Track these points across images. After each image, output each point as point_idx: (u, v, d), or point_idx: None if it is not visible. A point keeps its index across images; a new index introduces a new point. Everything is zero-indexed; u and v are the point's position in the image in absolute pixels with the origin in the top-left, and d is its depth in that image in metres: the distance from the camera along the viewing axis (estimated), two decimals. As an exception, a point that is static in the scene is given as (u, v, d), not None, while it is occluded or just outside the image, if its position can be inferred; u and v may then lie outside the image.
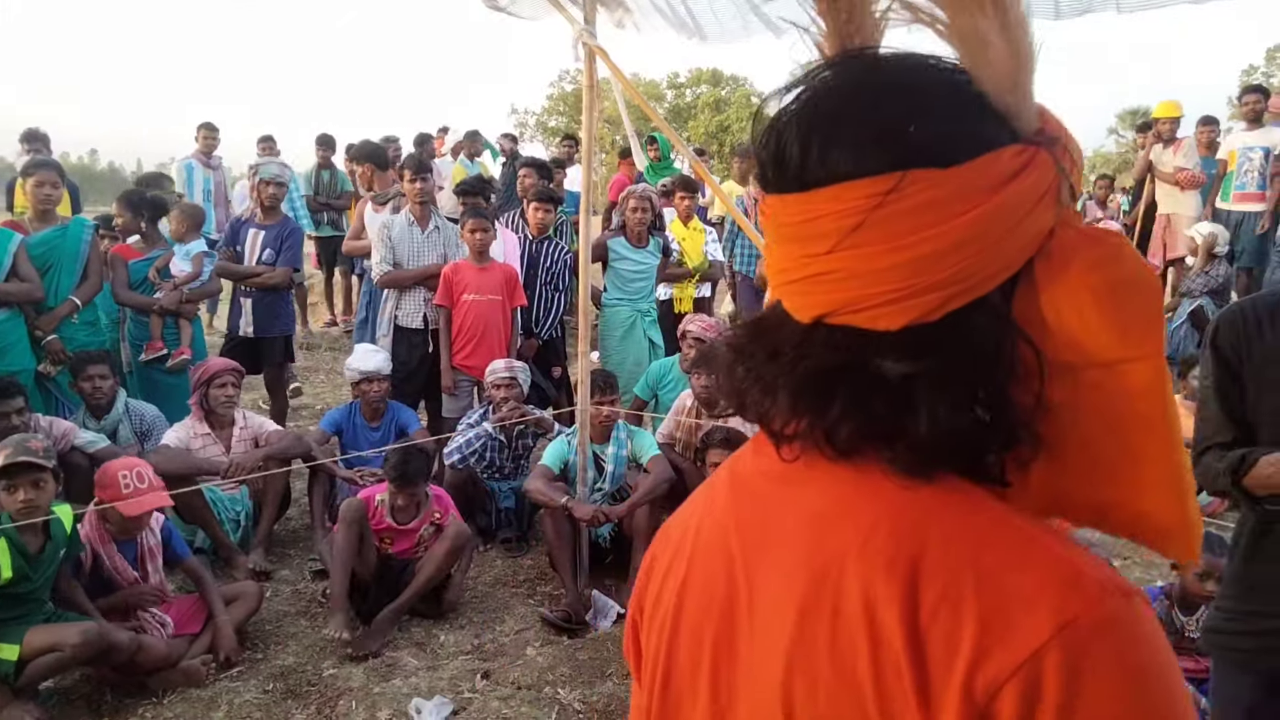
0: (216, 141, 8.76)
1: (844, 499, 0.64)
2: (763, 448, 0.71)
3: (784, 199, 0.64)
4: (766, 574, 0.66)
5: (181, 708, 3.20)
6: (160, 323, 5.29)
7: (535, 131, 44.70)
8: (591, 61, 3.82)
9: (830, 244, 0.61)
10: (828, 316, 0.63)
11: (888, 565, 0.59)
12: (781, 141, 0.64)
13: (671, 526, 0.80)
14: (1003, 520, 0.61)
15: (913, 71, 0.63)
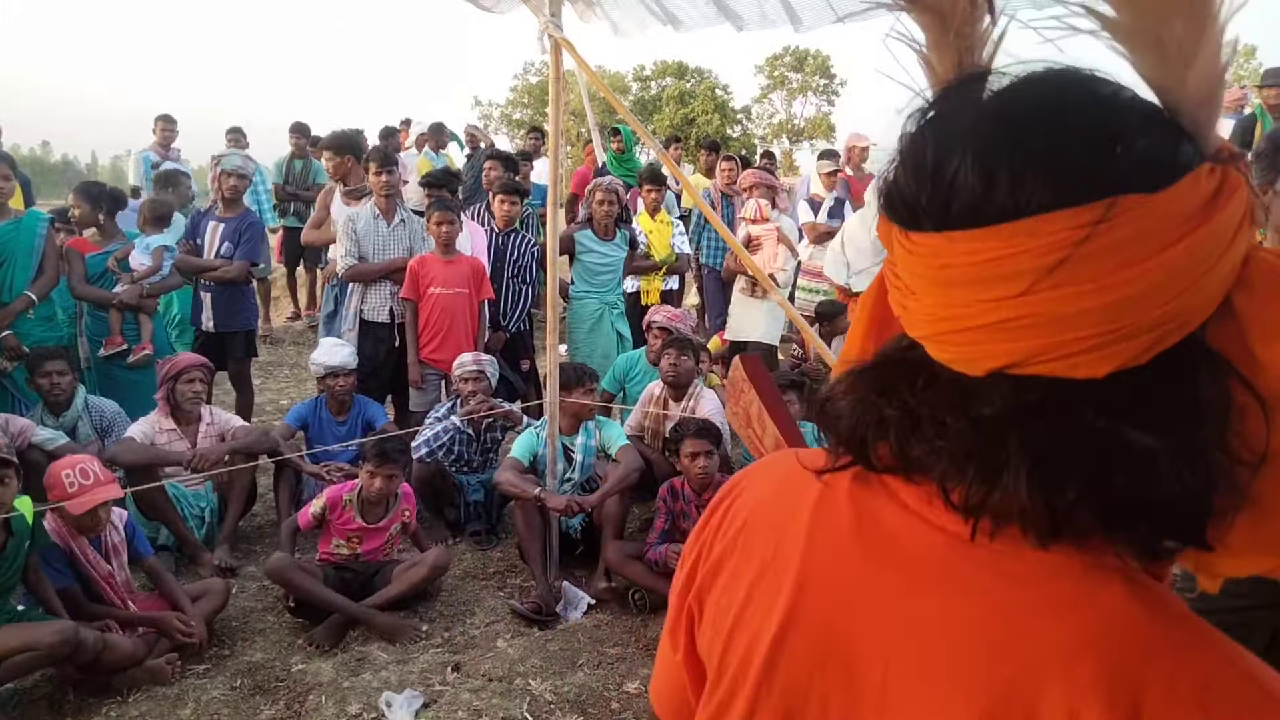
0: (175, 133, 8.61)
1: (1036, 606, 0.56)
2: (904, 497, 0.65)
3: (952, 236, 0.55)
4: (914, 666, 0.60)
5: (147, 706, 3.17)
6: (119, 318, 5.20)
7: (500, 124, 44.47)
8: (557, 54, 3.81)
9: (1024, 285, 0.53)
10: (1012, 367, 0.55)
11: (1108, 691, 0.52)
12: (947, 169, 0.55)
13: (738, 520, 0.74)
14: (1230, 661, 0.54)
15: (1097, 87, 0.55)
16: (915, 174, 0.58)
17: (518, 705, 3.17)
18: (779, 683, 0.66)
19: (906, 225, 0.59)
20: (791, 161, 37.00)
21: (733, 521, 0.75)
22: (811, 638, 0.65)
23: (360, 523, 3.93)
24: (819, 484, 0.70)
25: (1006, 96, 0.57)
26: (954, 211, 0.55)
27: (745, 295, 6.21)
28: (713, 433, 4.03)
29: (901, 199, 0.59)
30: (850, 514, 0.67)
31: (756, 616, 0.68)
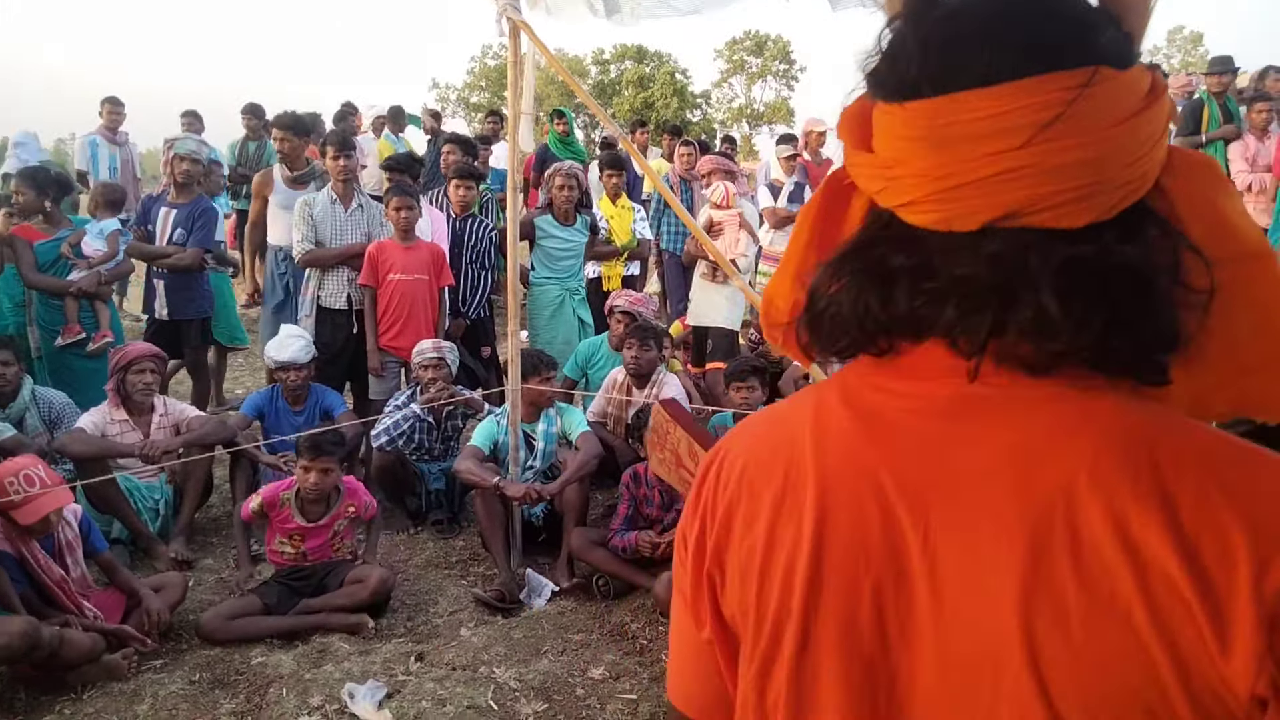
0: (122, 116, 8.40)
1: (1056, 422, 0.63)
2: (888, 383, 0.69)
3: (957, 97, 0.61)
4: (950, 515, 0.64)
5: (103, 702, 3.11)
6: (76, 306, 5.07)
7: (457, 107, 43.98)
8: (516, 37, 3.78)
9: (1024, 138, 0.60)
10: (1006, 219, 0.61)
11: (1132, 486, 0.59)
12: (955, 34, 0.63)
13: (734, 471, 0.76)
14: (1217, 434, 0.62)
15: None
16: (920, 47, 0.64)
17: (482, 693, 3.16)
18: (828, 595, 0.68)
19: (904, 95, 0.64)
20: (751, 146, 37.07)
21: (729, 477, 0.76)
22: (848, 538, 0.67)
23: (300, 522, 3.80)
24: (809, 407, 0.74)
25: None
26: (964, 73, 0.61)
27: (706, 281, 6.21)
28: (676, 418, 4.04)
29: (899, 71, 0.65)
30: (847, 413, 0.71)
31: (786, 544, 0.70)
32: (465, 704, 3.10)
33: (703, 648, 0.80)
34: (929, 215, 0.64)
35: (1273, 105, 7.11)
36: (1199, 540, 0.57)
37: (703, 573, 0.77)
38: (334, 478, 3.82)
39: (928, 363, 0.68)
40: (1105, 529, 0.58)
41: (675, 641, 0.85)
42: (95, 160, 7.99)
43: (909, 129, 0.64)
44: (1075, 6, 0.64)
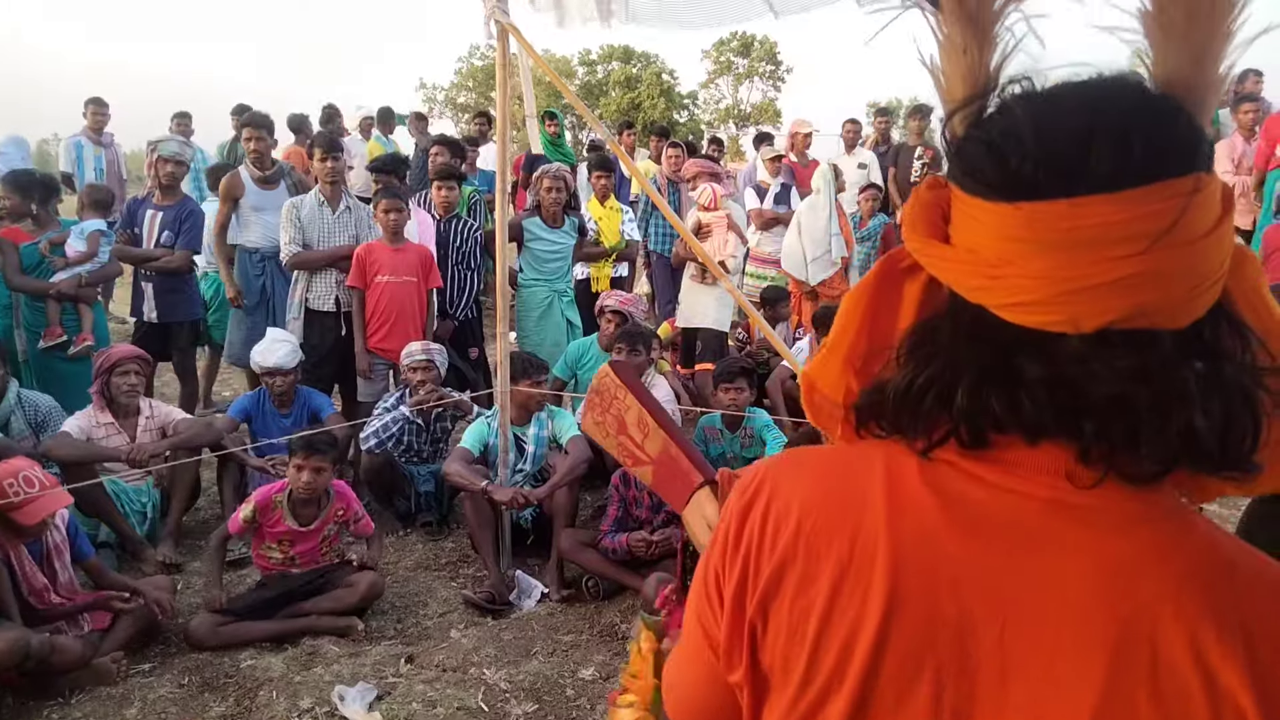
0: (106, 117, 8.33)
1: (1144, 547, 0.64)
2: (976, 469, 0.70)
3: (1080, 203, 0.62)
4: (1029, 618, 0.65)
5: (91, 707, 3.10)
6: (58, 308, 5.04)
7: (444, 107, 43.85)
8: (504, 40, 3.79)
9: (1145, 245, 0.61)
10: (1119, 323, 0.62)
11: (1215, 618, 0.61)
12: (1079, 142, 0.63)
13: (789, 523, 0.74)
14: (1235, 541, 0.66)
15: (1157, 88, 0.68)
16: (1041, 145, 0.64)
17: (472, 695, 3.17)
18: (887, 674, 0.68)
19: (1019, 196, 0.64)
20: (738, 147, 37.13)
21: (778, 530, 0.75)
22: (918, 619, 0.68)
23: (290, 525, 3.76)
24: (879, 473, 0.73)
25: (1101, 87, 0.66)
26: (1091, 178, 0.62)
27: (695, 282, 6.21)
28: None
29: (1012, 170, 0.65)
30: (929, 494, 0.70)
31: (848, 615, 0.70)
32: (455, 705, 3.10)
33: (721, 684, 0.80)
34: (1041, 316, 0.64)
35: (1260, 106, 7.16)
36: (1274, 676, 0.60)
37: (744, 621, 0.76)
38: (326, 477, 3.80)
39: (1032, 461, 0.68)
40: (1186, 657, 0.60)
41: (688, 671, 0.84)
42: (80, 162, 7.94)
43: (1025, 230, 0.64)
44: (1178, 109, 0.65)
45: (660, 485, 1.54)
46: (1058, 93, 0.67)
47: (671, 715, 0.87)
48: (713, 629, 0.80)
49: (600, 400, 1.61)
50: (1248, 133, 7.09)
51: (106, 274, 5.35)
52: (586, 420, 1.67)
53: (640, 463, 1.56)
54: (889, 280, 0.78)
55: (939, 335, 0.72)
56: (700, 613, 0.82)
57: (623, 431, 1.58)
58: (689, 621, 0.84)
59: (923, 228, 0.71)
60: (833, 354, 0.81)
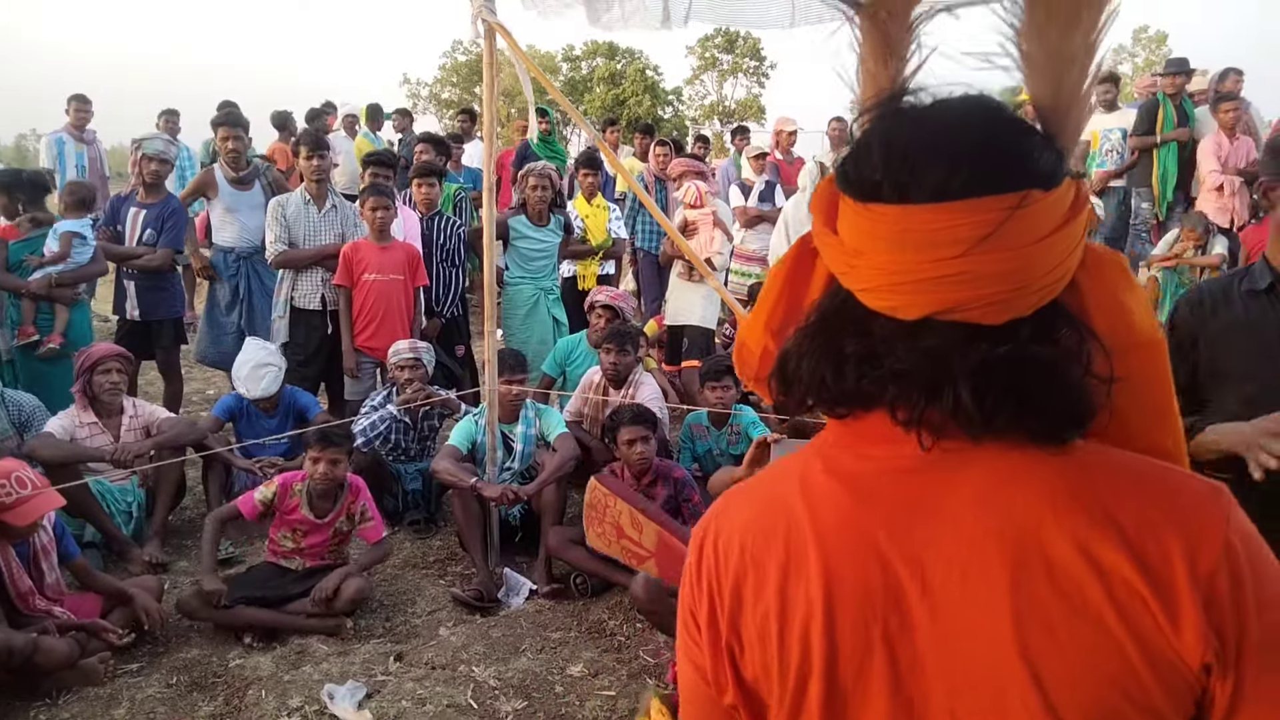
0: (89, 114, 8.28)
1: (1008, 474, 0.75)
2: (863, 449, 0.80)
3: (909, 209, 0.72)
4: (937, 554, 0.74)
5: (79, 708, 3.09)
6: (32, 307, 5.00)
7: (428, 103, 43.66)
8: (491, 39, 3.79)
9: (963, 249, 0.71)
10: (942, 314, 0.73)
11: (1087, 516, 0.72)
12: (916, 157, 0.73)
13: (733, 548, 0.83)
14: (1132, 459, 0.77)
15: (1009, 111, 0.77)
16: (885, 157, 0.74)
17: (461, 692, 3.19)
18: (844, 646, 0.76)
19: (867, 197, 0.75)
20: (722, 144, 37.21)
21: (728, 555, 0.84)
22: (855, 592, 0.76)
23: (305, 514, 3.82)
24: (794, 480, 0.83)
25: (958, 107, 0.76)
26: (921, 191, 0.72)
27: (683, 280, 6.21)
28: (649, 419, 4.07)
29: (863, 174, 0.75)
30: (833, 482, 0.81)
31: (799, 605, 0.78)
32: (445, 703, 3.12)
33: (723, 714, 0.86)
34: (881, 302, 0.75)
35: (1240, 105, 7.23)
36: (1144, 547, 0.70)
37: (721, 644, 0.83)
38: (343, 468, 3.84)
39: (882, 430, 0.78)
40: (1072, 553, 0.71)
41: (692, 712, 0.90)
42: (62, 159, 7.88)
43: (872, 226, 0.75)
44: (1018, 129, 0.75)
45: (666, 572, 1.59)
46: (924, 111, 0.77)
47: None
48: (700, 660, 0.86)
49: (595, 513, 1.66)
50: (1229, 131, 7.17)
51: (90, 273, 5.30)
52: (590, 536, 1.72)
53: (643, 559, 1.61)
54: (803, 258, 0.88)
55: (825, 315, 0.82)
56: (687, 651, 0.88)
57: (622, 535, 1.63)
58: (682, 667, 0.90)
59: (819, 216, 0.81)
60: (756, 317, 0.91)
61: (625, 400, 4.61)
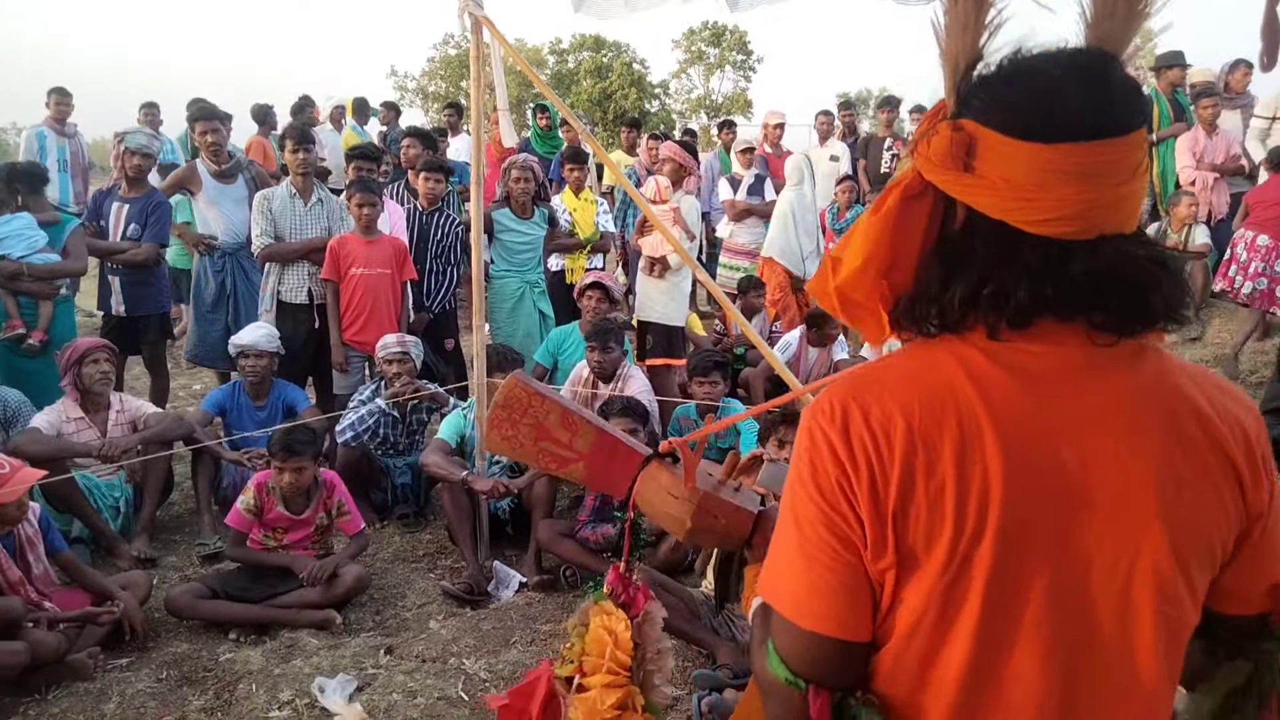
0: (70, 108, 8.18)
1: (1148, 370, 0.95)
2: (1031, 346, 0.93)
3: (1096, 146, 0.88)
4: (1101, 435, 0.91)
5: (68, 702, 3.09)
6: (13, 301, 4.95)
7: (415, 96, 43.41)
8: (478, 32, 3.79)
9: (1130, 175, 0.89)
10: (1113, 229, 0.90)
11: (1200, 402, 0.94)
12: (1095, 99, 0.88)
13: (896, 428, 0.92)
14: (1194, 365, 1.01)
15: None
16: (1076, 104, 0.88)
17: (452, 684, 3.20)
18: (1019, 510, 0.90)
19: (1056, 138, 0.88)
20: (710, 137, 37.21)
21: (889, 432, 0.92)
22: (1028, 464, 0.91)
23: (282, 511, 3.83)
24: (954, 367, 0.94)
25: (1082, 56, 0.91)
26: (1105, 128, 0.88)
27: (644, 275, 6.00)
28: (638, 411, 4.09)
29: (1054, 118, 0.88)
30: (1000, 370, 0.93)
31: (975, 478, 0.90)
32: (436, 695, 3.13)
33: (861, 579, 0.95)
34: (1062, 228, 0.89)
35: (1217, 101, 7.24)
36: (1234, 428, 0.95)
37: (886, 512, 0.92)
38: (308, 475, 3.83)
39: (1064, 333, 0.93)
40: (1198, 432, 0.93)
41: (824, 579, 0.96)
42: (44, 153, 7.79)
43: (1059, 165, 0.88)
44: (1134, 79, 0.93)
45: (594, 476, 1.57)
46: (1059, 58, 0.91)
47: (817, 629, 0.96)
48: (846, 531, 0.94)
49: (509, 413, 1.58)
50: (1208, 126, 7.19)
51: (69, 270, 5.23)
52: (493, 437, 1.62)
53: (568, 462, 1.58)
54: (905, 205, 0.97)
55: (972, 247, 0.94)
56: (827, 522, 0.95)
57: (544, 437, 1.58)
58: (806, 549, 0.96)
59: (950, 162, 0.92)
60: (865, 268, 0.99)
61: (615, 393, 4.63)
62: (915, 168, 0.96)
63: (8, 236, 4.94)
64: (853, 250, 1.00)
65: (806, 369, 5.87)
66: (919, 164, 0.95)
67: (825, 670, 0.96)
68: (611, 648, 1.54)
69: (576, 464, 1.57)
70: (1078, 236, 0.89)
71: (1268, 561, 0.99)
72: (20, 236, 4.97)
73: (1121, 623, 0.92)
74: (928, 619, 0.93)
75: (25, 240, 4.98)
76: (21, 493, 3.21)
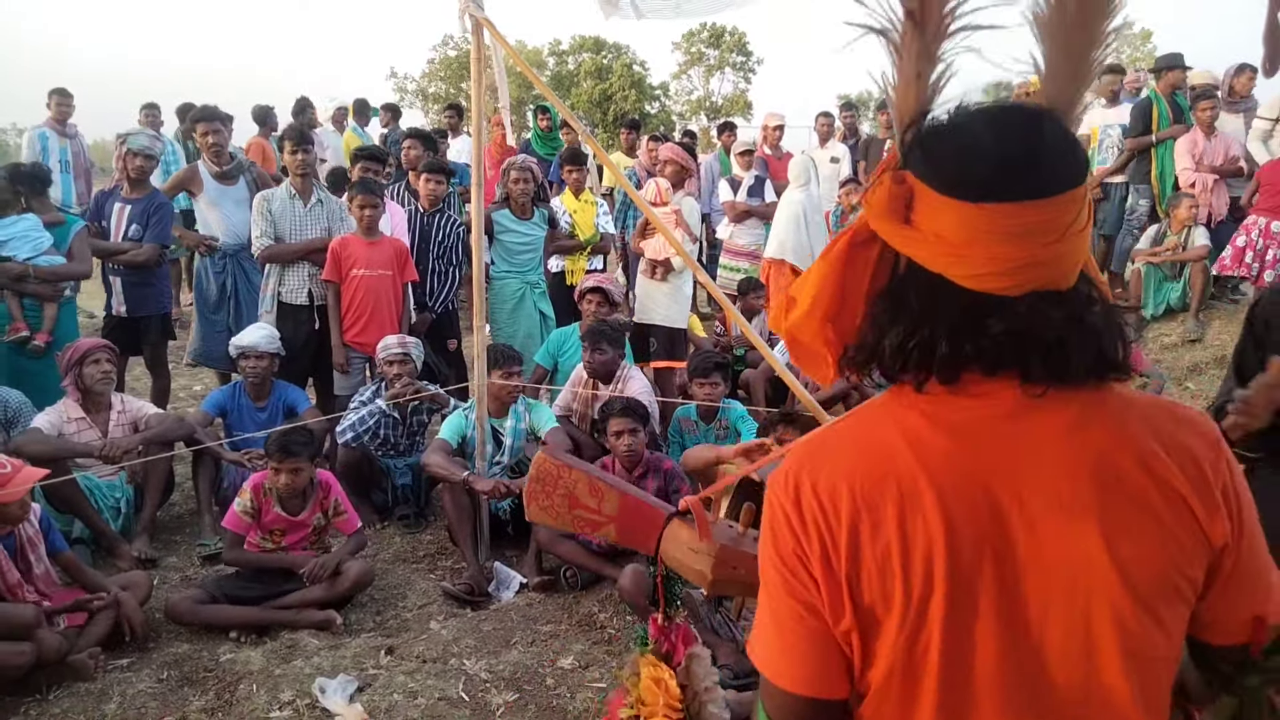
0: (71, 108, 8.19)
1: (1082, 411, 0.94)
2: (958, 402, 0.95)
3: (1026, 206, 0.88)
4: (1037, 482, 0.92)
5: (69, 703, 3.09)
6: (16, 303, 4.96)
7: (415, 98, 43.43)
8: (479, 34, 3.80)
9: (1059, 235, 0.89)
10: (1043, 286, 0.90)
11: (1140, 440, 0.93)
12: (1016, 156, 0.89)
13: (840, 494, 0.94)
14: (1143, 396, 1.00)
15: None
16: (995, 162, 0.89)
17: (453, 685, 3.20)
18: (963, 568, 0.91)
19: (981, 198, 0.88)
20: (710, 139, 37.24)
21: (835, 499, 0.95)
22: (968, 520, 0.92)
23: (279, 513, 3.83)
24: (892, 429, 0.96)
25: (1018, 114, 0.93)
26: (1033, 188, 0.88)
27: (645, 278, 6.02)
28: (639, 411, 4.10)
29: (977, 178, 0.89)
30: (933, 428, 0.95)
31: (920, 538, 0.92)
32: (437, 696, 3.13)
33: (828, 641, 0.97)
34: (990, 284, 0.90)
35: (1216, 104, 7.23)
36: (1181, 460, 0.93)
37: (839, 578, 0.95)
38: (305, 476, 3.83)
39: (993, 386, 0.94)
40: (1137, 470, 0.92)
41: (792, 643, 0.99)
42: (46, 154, 7.80)
43: (988, 223, 0.89)
44: (1073, 135, 0.94)
45: (625, 536, 1.68)
46: (995, 116, 0.92)
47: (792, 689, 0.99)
48: (807, 596, 0.97)
49: (542, 487, 1.71)
50: (1207, 129, 7.18)
51: (72, 273, 5.24)
52: (532, 509, 1.73)
53: (600, 526, 1.69)
54: (853, 251, 0.99)
55: (906, 299, 0.95)
56: (789, 589, 0.98)
57: (575, 506, 1.69)
58: (781, 604, 0.99)
59: (889, 214, 0.93)
60: (811, 313, 1.02)
61: (615, 394, 4.63)
62: (862, 216, 0.98)
63: (13, 238, 4.93)
64: (804, 292, 1.02)
65: (807, 371, 5.86)
66: (866, 212, 0.97)
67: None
68: (664, 695, 1.64)
69: (608, 526, 1.68)
70: (1011, 292, 0.90)
71: (1245, 593, 0.98)
72: (26, 238, 4.97)
73: (1086, 663, 0.92)
74: (896, 674, 0.95)
75: (31, 242, 4.98)
76: (23, 493, 3.23)
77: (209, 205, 5.63)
